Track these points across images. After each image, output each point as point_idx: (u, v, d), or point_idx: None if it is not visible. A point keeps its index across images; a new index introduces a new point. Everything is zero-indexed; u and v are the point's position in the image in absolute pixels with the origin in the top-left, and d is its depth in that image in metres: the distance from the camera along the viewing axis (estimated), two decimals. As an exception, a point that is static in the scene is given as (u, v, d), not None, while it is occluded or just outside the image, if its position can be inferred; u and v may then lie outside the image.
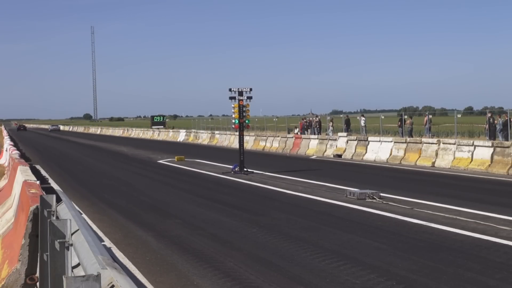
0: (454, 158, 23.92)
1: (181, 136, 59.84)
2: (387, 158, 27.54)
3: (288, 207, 13.97)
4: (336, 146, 32.35)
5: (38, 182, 10.03)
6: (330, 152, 32.50)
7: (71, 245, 4.52)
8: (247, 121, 23.15)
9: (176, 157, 29.85)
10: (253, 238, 10.37)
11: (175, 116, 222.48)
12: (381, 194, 14.89)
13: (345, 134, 34.02)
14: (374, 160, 28.26)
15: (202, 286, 7.48)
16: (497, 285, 7.29)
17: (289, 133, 43.71)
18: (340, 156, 31.33)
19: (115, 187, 19.00)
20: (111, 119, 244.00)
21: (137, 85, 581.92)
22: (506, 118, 28.16)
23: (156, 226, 11.71)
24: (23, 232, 6.77)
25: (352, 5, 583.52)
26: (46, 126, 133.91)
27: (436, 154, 24.86)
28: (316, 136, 36.96)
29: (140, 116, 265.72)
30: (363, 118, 42.10)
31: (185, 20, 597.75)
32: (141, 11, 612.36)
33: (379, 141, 29.17)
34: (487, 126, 30.56)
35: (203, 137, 53.48)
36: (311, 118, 46.22)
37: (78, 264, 4.51)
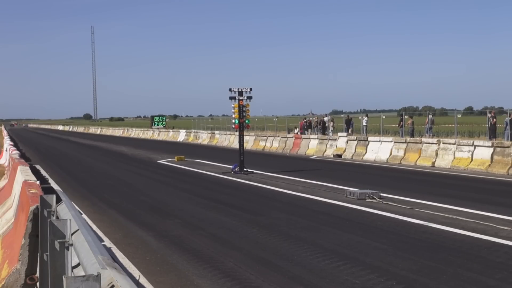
0: (454, 158, 23.91)
1: (181, 136, 59.83)
2: (387, 158, 27.53)
3: (288, 207, 13.97)
4: (336, 146, 32.34)
5: (38, 182, 10.02)
6: (330, 152, 32.49)
7: (71, 245, 4.52)
8: (247, 121, 23.15)
9: (176, 157, 29.85)
10: (253, 238, 10.37)
11: (175, 116, 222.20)
12: (381, 194, 14.88)
13: (345, 134, 34.01)
14: (374, 160, 28.25)
15: (202, 286, 7.48)
16: (497, 285, 7.29)
17: (289, 133, 43.72)
18: (340, 156, 31.33)
19: (115, 187, 19.00)
20: (111, 119, 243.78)
21: (137, 85, 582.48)
22: (510, 118, 28.17)
23: (156, 226, 11.71)
24: (23, 232, 6.77)
25: (352, 5, 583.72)
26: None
27: (436, 154, 24.85)
28: (316, 136, 36.96)
29: (140, 116, 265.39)
30: (365, 118, 42.04)
31: (185, 21, 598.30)
32: (141, 11, 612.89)
33: (379, 141, 29.17)
34: (488, 125, 30.56)
35: (203, 137, 53.46)
36: (323, 118, 46.27)
37: (78, 264, 4.51)
